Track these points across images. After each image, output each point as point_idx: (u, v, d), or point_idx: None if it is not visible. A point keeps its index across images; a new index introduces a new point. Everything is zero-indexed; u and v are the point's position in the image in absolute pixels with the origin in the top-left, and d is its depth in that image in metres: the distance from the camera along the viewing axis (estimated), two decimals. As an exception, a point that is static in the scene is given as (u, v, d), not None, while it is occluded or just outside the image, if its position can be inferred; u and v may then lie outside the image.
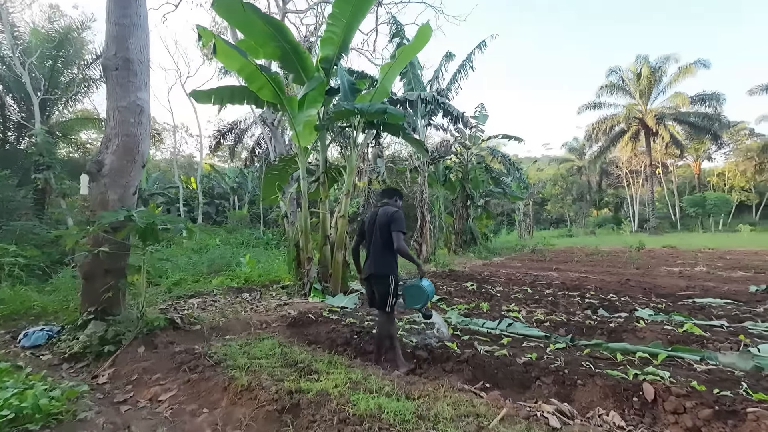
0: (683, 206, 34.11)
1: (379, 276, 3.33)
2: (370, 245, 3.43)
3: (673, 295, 6.07)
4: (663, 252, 13.71)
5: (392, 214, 3.35)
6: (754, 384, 2.58)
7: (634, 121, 30.93)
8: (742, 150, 35.71)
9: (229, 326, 4.44)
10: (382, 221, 3.35)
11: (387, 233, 3.29)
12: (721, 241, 18.78)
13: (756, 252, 12.83)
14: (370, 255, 3.42)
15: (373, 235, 3.40)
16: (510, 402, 2.56)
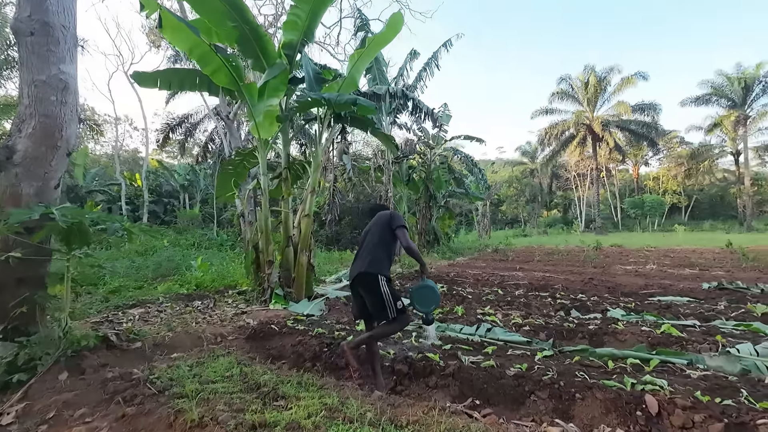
0: (624, 208, 36.55)
1: (368, 274, 2.83)
2: (360, 248, 3.05)
3: (637, 293, 6.19)
4: (613, 251, 14.38)
5: (391, 213, 3.05)
6: (753, 391, 2.48)
7: (582, 127, 32.65)
8: (674, 156, 38.89)
9: (176, 341, 3.85)
10: (380, 221, 3.05)
11: (385, 231, 2.94)
12: (660, 240, 20.16)
13: (694, 250, 13.78)
14: (357, 258, 3.00)
15: (365, 239, 3.07)
16: (510, 425, 2.27)
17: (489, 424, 2.22)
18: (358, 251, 3.04)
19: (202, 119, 20.35)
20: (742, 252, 9.62)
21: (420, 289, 2.94)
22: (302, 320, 4.62)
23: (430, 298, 2.92)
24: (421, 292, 2.93)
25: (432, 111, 7.54)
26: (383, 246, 2.92)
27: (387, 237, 2.92)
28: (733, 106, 30.96)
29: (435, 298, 2.94)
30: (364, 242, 3.04)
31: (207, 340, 3.99)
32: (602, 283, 7.23)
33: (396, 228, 2.90)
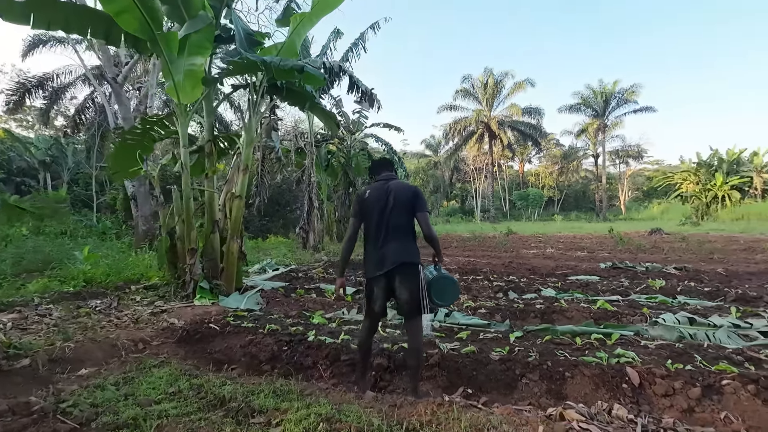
0: (512, 199, 41.01)
1: (409, 265, 2.47)
2: (382, 229, 2.51)
3: (554, 274, 6.83)
4: (513, 237, 15.93)
5: (415, 191, 2.60)
6: (702, 355, 2.81)
7: (481, 125, 35.49)
8: (551, 156, 44.86)
9: (81, 353, 2.96)
10: (403, 198, 2.53)
11: (408, 211, 2.53)
12: (544, 227, 23.04)
13: (575, 236, 16.00)
14: (388, 242, 2.50)
15: (384, 216, 2.52)
16: (524, 413, 2.19)
17: (504, 413, 2.09)
18: (377, 232, 2.52)
19: (73, 82, 16.76)
20: (619, 237, 11.48)
21: (441, 279, 2.57)
22: (243, 316, 4.00)
23: (450, 291, 2.59)
24: (442, 284, 2.56)
25: (371, 91, 7.23)
26: (412, 228, 2.56)
27: (411, 218, 2.56)
28: (595, 116, 36.66)
29: (455, 292, 2.63)
30: (383, 219, 2.51)
31: (124, 348, 3.17)
32: (521, 265, 7.85)
33: (420, 212, 2.55)
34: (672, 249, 10.13)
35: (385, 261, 2.47)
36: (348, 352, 3.02)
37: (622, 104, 35.46)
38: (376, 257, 2.51)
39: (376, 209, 2.53)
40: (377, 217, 2.52)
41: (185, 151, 4.89)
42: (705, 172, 30.50)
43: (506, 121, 34.90)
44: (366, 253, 2.59)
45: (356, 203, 2.66)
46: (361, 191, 2.75)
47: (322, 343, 3.16)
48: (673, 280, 5.81)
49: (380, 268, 2.48)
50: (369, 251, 2.56)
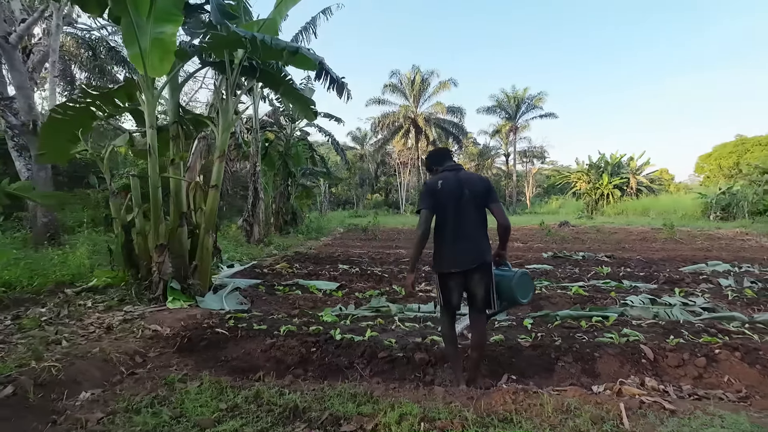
0: (435, 193, 43.01)
1: (488, 264, 2.47)
2: (458, 223, 2.45)
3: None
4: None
5: (488, 181, 2.58)
6: (687, 330, 3.31)
7: (408, 120, 36.51)
8: (469, 154, 47.99)
9: (74, 373, 2.43)
10: (477, 190, 2.47)
11: (483, 205, 2.49)
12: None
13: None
14: (465, 237, 2.45)
15: (460, 209, 2.45)
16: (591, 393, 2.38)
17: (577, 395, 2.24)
18: (454, 225, 2.45)
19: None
20: (548, 230, 12.84)
21: (523, 277, 2.60)
22: (243, 318, 3.64)
23: (528, 286, 2.64)
24: (524, 282, 2.59)
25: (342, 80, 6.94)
26: (485, 221, 2.53)
27: (484, 210, 2.52)
28: (508, 118, 40.09)
29: (532, 286, 2.69)
30: (458, 211, 2.45)
31: (120, 362, 2.68)
32: (475, 256, 8.34)
33: (494, 203, 2.53)
34: (589, 239, 11.64)
35: (464, 258, 2.46)
36: (383, 349, 2.96)
37: (530, 109, 39.31)
38: (452, 252, 2.48)
39: (450, 201, 2.46)
40: (453, 209, 2.47)
41: (152, 133, 4.23)
42: (594, 173, 35.36)
43: (432, 118, 36.38)
44: (439, 247, 2.53)
45: (428, 194, 2.53)
46: (431, 181, 2.60)
47: (352, 342, 3.04)
48: (610, 267, 6.69)
49: (458, 265, 2.47)
50: (443, 245, 2.51)
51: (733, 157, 36.40)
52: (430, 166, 2.79)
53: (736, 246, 10.16)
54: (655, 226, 16.47)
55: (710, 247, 9.78)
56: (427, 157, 2.86)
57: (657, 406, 2.09)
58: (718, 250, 9.10)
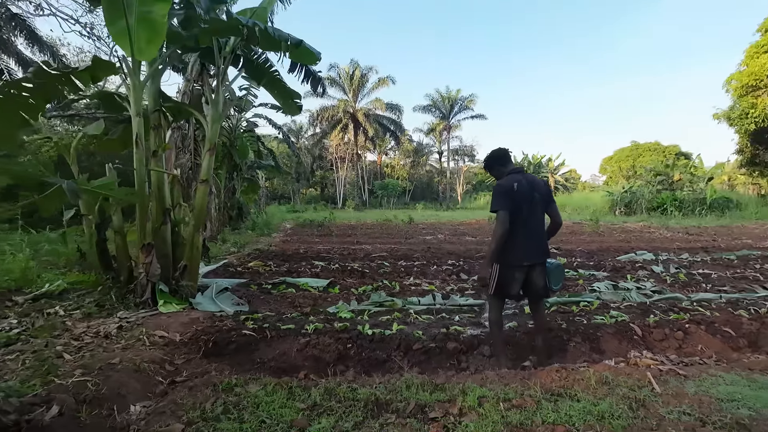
0: (372, 189, 43.52)
1: (545, 260, 2.89)
2: (529, 224, 2.76)
3: (472, 257, 7.89)
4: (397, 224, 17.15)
5: (549, 186, 2.85)
6: (659, 309, 3.92)
7: (347, 115, 36.37)
8: (405, 150, 49.24)
9: (114, 386, 2.19)
10: (543, 192, 2.82)
11: (545, 208, 2.84)
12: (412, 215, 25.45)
13: (443, 222, 18.31)
14: (535, 235, 2.83)
15: (532, 211, 2.76)
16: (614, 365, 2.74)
17: (605, 370, 2.59)
18: (526, 224, 2.75)
19: None
20: None
21: (559, 267, 2.98)
22: (258, 318, 3.50)
23: (561, 275, 2.99)
24: (559, 271, 2.97)
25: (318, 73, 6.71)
26: (544, 222, 2.81)
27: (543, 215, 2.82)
28: (442, 118, 41.84)
29: (563, 275, 3.04)
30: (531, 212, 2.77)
31: (153, 372, 2.47)
32: (439, 250, 8.74)
33: (553, 203, 2.84)
34: (529, 233, 12.79)
35: (533, 253, 2.79)
36: (415, 341, 3.09)
37: (462, 110, 41.39)
38: (524, 248, 2.76)
39: (524, 203, 2.74)
40: (526, 210, 2.74)
41: (139, 122, 3.82)
42: (519, 171, 38.62)
43: (371, 113, 36.64)
44: (512, 242, 2.75)
45: (507, 196, 2.73)
46: (506, 183, 2.78)
47: (384, 336, 3.13)
48: (564, 258, 7.49)
49: (528, 258, 2.78)
50: (515, 241, 2.75)
51: (629, 160, 42.07)
52: (492, 165, 2.98)
53: (647, 237, 11.92)
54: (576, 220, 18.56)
55: (628, 239, 11.35)
56: (491, 157, 3.01)
57: (672, 372, 2.52)
58: (636, 241, 10.61)
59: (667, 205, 22.42)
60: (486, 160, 3.05)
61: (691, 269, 6.37)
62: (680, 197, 23.20)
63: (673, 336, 3.30)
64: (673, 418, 1.93)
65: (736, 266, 6.65)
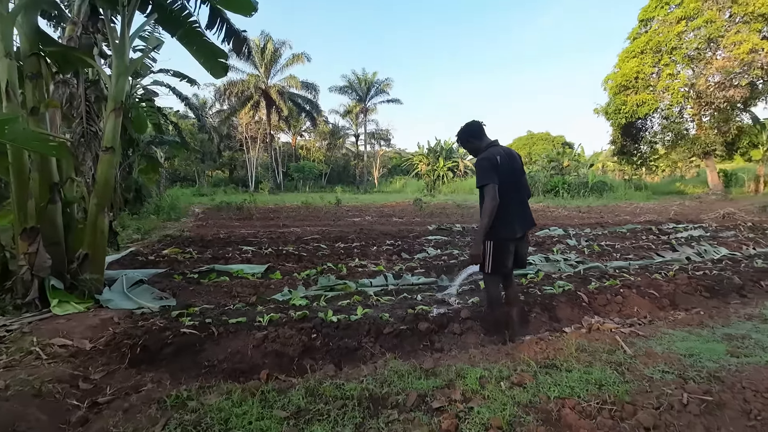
0: (288, 171, 41.75)
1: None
2: (516, 193, 2.73)
3: (408, 237, 7.88)
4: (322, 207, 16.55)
5: (520, 156, 2.86)
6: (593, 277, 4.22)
7: (258, 91, 33.92)
8: (320, 132, 47.93)
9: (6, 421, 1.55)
10: (520, 163, 2.83)
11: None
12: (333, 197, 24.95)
13: (366, 205, 18.25)
14: (522, 205, 2.81)
15: (515, 181, 2.73)
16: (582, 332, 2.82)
17: (578, 337, 2.65)
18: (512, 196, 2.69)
19: None
20: (420, 205, 14.02)
21: None
22: (195, 313, 2.90)
23: None
24: None
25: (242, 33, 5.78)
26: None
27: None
28: (359, 100, 41.54)
29: None
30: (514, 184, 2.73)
31: (61, 395, 1.84)
32: (372, 231, 8.57)
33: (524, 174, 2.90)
34: (452, 213, 13.33)
35: (523, 224, 2.76)
36: (385, 325, 2.85)
37: (379, 93, 41.48)
38: (514, 220, 2.69)
39: (508, 174, 2.66)
40: (510, 182, 2.66)
41: (11, 64, 2.83)
42: (433, 156, 40.25)
43: (286, 91, 34.69)
44: (503, 216, 2.63)
45: (492, 168, 2.61)
46: (489, 155, 2.66)
47: (351, 322, 2.83)
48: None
49: (520, 230, 2.75)
50: (507, 214, 2.64)
51: (526, 148, 46.60)
52: (467, 140, 2.81)
53: (550, 215, 13.27)
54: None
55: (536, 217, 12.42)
56: (466, 131, 2.84)
57: (634, 334, 2.68)
58: (543, 219, 11.71)
59: (559, 188, 25.38)
60: (460, 134, 2.89)
61: (597, 241, 7.15)
62: (569, 181, 26.46)
63: (614, 300, 3.57)
64: (659, 378, 2.00)
65: (629, 238, 7.66)
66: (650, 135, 26.38)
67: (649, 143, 26.70)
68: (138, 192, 12.21)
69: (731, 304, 3.77)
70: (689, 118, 24.60)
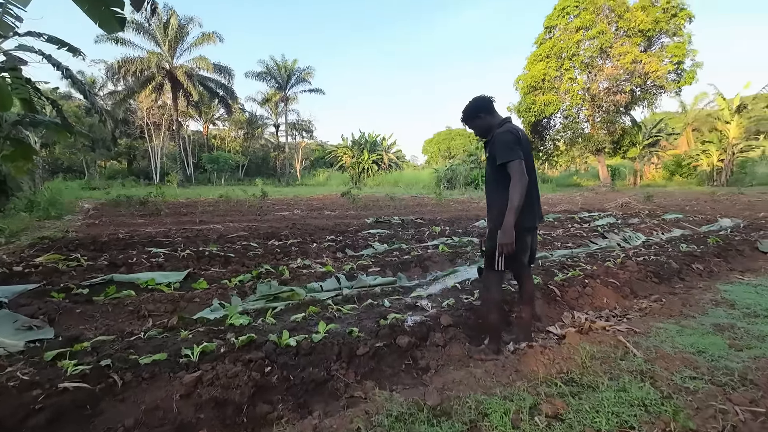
0: (200, 162, 38.11)
1: None
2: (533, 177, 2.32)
3: (347, 231, 7.28)
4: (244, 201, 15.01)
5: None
6: (555, 268, 4.09)
7: (162, 72, 30.13)
8: (236, 121, 44.50)
9: None
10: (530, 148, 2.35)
11: None
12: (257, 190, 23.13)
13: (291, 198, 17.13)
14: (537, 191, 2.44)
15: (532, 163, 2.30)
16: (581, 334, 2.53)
17: (578, 341, 2.36)
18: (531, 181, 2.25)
19: None
20: (353, 198, 13.36)
21: None
22: (85, 351, 1.99)
23: None
24: None
25: None
26: None
27: None
28: (279, 88, 39.43)
29: None
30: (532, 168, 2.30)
31: None
32: (306, 226, 7.79)
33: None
34: (386, 206, 12.99)
35: (540, 211, 2.38)
36: (359, 343, 2.27)
37: (300, 82, 39.72)
38: (534, 207, 2.34)
39: (528, 154, 2.27)
40: (529, 162, 2.25)
41: None
42: (357, 149, 39.80)
43: (195, 74, 31.29)
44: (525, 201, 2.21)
45: (516, 143, 2.21)
46: (512, 128, 2.28)
47: (313, 345, 2.19)
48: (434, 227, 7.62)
49: (539, 218, 2.40)
50: (529, 200, 2.24)
51: (446, 142, 48.60)
52: (477, 115, 2.39)
53: (477, 206, 13.65)
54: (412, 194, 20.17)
55: (467, 209, 12.74)
56: (474, 105, 2.40)
57: (630, 332, 2.46)
58: (475, 210, 11.96)
59: (479, 180, 26.73)
60: (468, 111, 2.44)
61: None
62: (487, 174, 28.03)
63: (584, 293, 3.43)
64: (696, 388, 1.75)
65: (557, 227, 8.00)
66: (554, 133, 28.94)
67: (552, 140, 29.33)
68: (2, 183, 9.76)
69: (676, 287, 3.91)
70: (584, 118, 27.49)
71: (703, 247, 5.29)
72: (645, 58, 23.18)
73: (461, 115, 2.46)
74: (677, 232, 7.14)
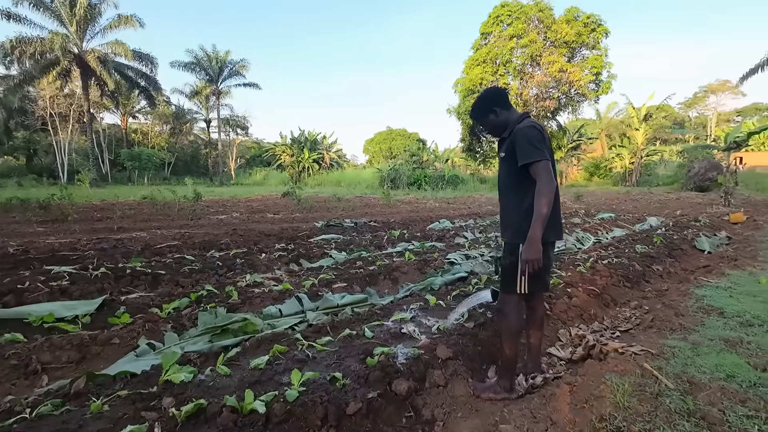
0: (119, 159, 34.29)
1: None
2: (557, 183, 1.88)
3: (296, 237, 6.60)
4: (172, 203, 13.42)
5: None
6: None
7: (68, 55, 26.40)
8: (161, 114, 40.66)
9: None
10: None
11: None
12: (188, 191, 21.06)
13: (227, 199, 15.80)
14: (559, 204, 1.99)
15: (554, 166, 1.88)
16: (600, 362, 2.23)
17: (599, 370, 2.06)
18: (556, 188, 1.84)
19: None
20: (298, 199, 12.45)
21: None
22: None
23: None
24: None
25: None
26: None
27: None
28: (210, 81, 36.78)
29: None
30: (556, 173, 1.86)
31: None
32: (249, 232, 6.97)
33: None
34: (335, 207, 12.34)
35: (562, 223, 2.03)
36: (348, 398, 1.75)
37: (233, 75, 37.36)
38: (556, 217, 1.95)
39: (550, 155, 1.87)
40: (553, 165, 1.86)
41: None
42: (297, 147, 38.32)
43: (110, 60, 27.86)
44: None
45: (542, 140, 1.82)
46: (536, 124, 1.89)
47: (290, 407, 1.63)
48: (388, 230, 7.22)
49: (561, 231, 2.02)
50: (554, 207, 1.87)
51: (387, 142, 48.72)
52: (492, 109, 1.95)
53: (425, 207, 13.56)
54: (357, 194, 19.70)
55: (415, 209, 12.55)
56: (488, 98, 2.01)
57: (648, 354, 2.22)
58: (423, 211, 11.80)
59: (421, 180, 27.02)
60: (480, 104, 2.04)
61: (487, 233, 7.23)
62: (429, 174, 28.43)
63: (571, 305, 3.21)
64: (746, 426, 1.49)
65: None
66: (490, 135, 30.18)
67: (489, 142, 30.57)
68: None
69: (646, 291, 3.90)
70: (518, 122, 28.99)
71: (653, 247, 5.47)
72: (570, 67, 24.98)
73: (471, 111, 2.05)
74: (618, 232, 7.47)
